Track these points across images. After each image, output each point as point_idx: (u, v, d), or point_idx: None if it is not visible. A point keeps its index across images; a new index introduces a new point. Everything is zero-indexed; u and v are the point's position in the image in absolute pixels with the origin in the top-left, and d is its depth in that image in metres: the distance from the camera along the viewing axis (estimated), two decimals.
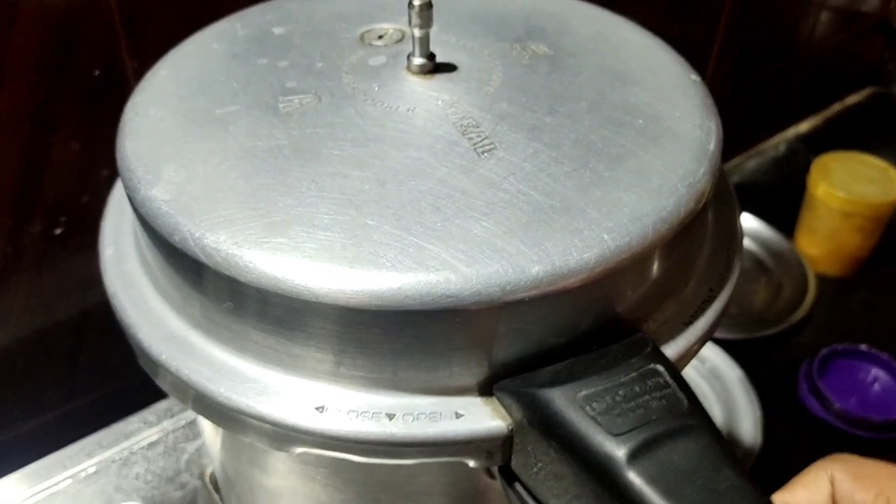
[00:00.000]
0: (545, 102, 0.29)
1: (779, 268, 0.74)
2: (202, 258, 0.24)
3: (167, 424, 0.51)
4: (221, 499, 0.47)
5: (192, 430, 0.51)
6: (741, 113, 0.82)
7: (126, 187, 0.27)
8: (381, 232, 0.24)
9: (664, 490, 0.21)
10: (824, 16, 0.83)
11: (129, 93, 0.46)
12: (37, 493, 0.47)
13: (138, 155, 0.27)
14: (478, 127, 0.27)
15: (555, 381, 0.23)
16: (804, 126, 0.89)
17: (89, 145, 0.46)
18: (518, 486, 0.26)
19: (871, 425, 0.60)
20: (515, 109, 0.28)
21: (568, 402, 0.23)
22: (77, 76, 0.44)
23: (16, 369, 0.50)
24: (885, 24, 0.87)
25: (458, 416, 0.24)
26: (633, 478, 0.22)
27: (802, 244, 0.75)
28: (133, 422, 0.51)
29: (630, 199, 0.25)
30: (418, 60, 0.29)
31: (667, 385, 0.23)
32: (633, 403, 0.23)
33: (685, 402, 0.23)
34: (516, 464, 0.25)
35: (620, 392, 0.23)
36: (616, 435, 0.22)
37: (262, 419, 0.25)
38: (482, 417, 0.24)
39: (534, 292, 0.23)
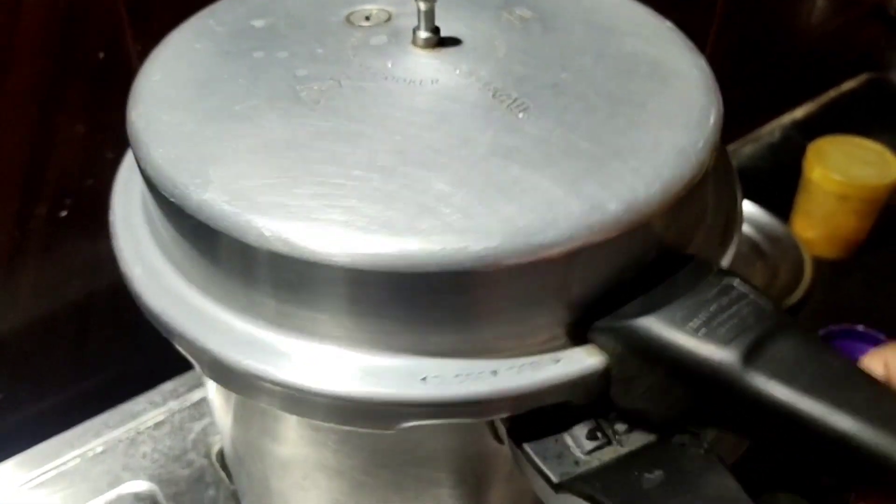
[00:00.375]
0: (554, 61, 0.30)
1: (775, 251, 0.74)
2: (292, 253, 0.24)
3: (173, 405, 0.51)
4: (228, 476, 0.48)
5: (197, 410, 0.51)
6: (737, 100, 0.82)
7: (172, 196, 0.26)
8: (460, 198, 0.24)
9: (785, 382, 0.23)
10: (820, 2, 0.83)
11: (132, 75, 0.47)
12: (46, 471, 0.48)
13: (173, 162, 0.26)
14: (505, 90, 0.28)
15: (646, 311, 0.25)
16: (799, 112, 0.90)
17: (94, 128, 0.46)
18: (527, 448, 0.27)
19: None
20: (531, 71, 0.29)
21: (668, 326, 0.25)
22: (82, 59, 0.44)
23: (23, 352, 0.51)
24: (880, 10, 0.88)
25: (556, 361, 0.26)
26: (753, 377, 0.24)
27: (798, 228, 0.75)
28: (139, 402, 0.52)
29: (668, 136, 0.27)
30: (424, 34, 0.30)
31: (746, 294, 0.26)
32: (725, 315, 0.25)
33: (769, 305, 0.25)
34: (615, 392, 0.26)
35: (711, 308, 0.25)
36: (725, 344, 0.24)
37: (372, 402, 0.25)
38: (579, 358, 0.26)
39: (615, 230, 0.25)
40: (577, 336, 0.26)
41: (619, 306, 0.26)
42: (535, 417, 0.26)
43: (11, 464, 0.49)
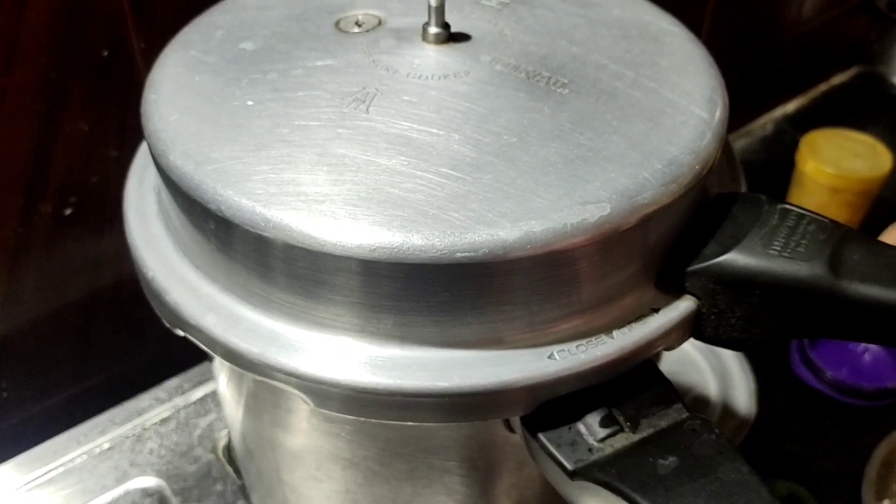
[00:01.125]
0: (558, 37, 0.31)
1: None
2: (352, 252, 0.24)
3: (178, 401, 0.52)
4: (235, 471, 0.48)
5: (203, 407, 0.52)
6: (730, 94, 0.83)
7: (189, 191, 0.26)
8: (554, 176, 0.26)
9: (872, 281, 0.26)
10: None
11: (136, 73, 0.47)
12: (53, 468, 0.48)
13: (193, 160, 0.27)
14: (536, 71, 0.30)
15: (728, 247, 0.27)
16: (791, 106, 0.91)
17: (97, 125, 0.47)
18: (541, 437, 0.27)
19: (862, 393, 0.62)
20: (545, 49, 0.31)
21: (753, 255, 0.27)
22: (85, 56, 0.44)
23: (28, 350, 0.51)
24: (869, 3, 0.89)
25: (656, 312, 0.27)
26: (844, 283, 0.26)
27: None
28: (145, 399, 0.52)
29: (692, 87, 0.30)
30: (435, 30, 0.30)
31: (803, 215, 0.28)
32: (797, 235, 0.27)
33: (825, 219, 0.28)
34: (705, 329, 0.28)
35: (782, 232, 0.27)
36: (809, 260, 0.26)
37: (518, 386, 0.26)
38: (675, 305, 0.28)
39: (691, 177, 0.27)
40: (664, 287, 0.28)
41: (697, 252, 0.27)
42: (548, 406, 0.27)
43: (18, 461, 0.49)
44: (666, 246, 0.28)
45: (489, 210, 0.25)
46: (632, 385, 0.27)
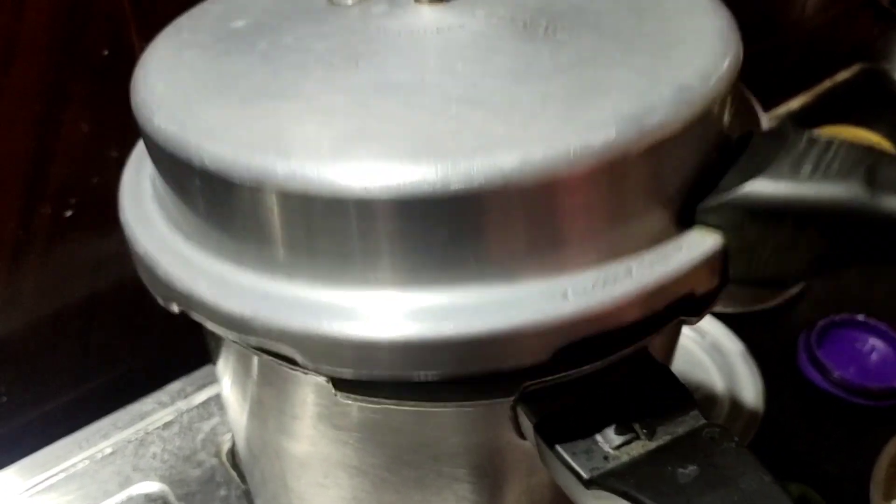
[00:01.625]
0: None
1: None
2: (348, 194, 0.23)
3: (181, 405, 0.51)
4: (239, 475, 0.48)
5: (206, 410, 0.51)
6: None
7: (226, 159, 0.25)
8: (559, 104, 0.24)
9: None
10: None
11: None
12: (54, 474, 0.48)
13: (222, 142, 0.25)
14: (533, 21, 0.28)
15: (751, 175, 0.25)
16: (795, 103, 0.90)
17: (98, 126, 0.46)
18: (558, 448, 0.27)
19: (869, 393, 0.61)
20: (543, 2, 0.29)
21: (782, 178, 0.25)
22: (86, 55, 0.44)
23: (27, 352, 0.51)
24: (872, 0, 0.88)
25: (679, 249, 0.25)
26: (884, 199, 0.24)
27: None
28: (147, 403, 0.51)
29: (702, 22, 0.29)
30: None
31: (831, 140, 0.26)
32: (828, 157, 0.25)
33: (856, 143, 0.26)
34: (735, 267, 0.26)
35: (811, 155, 0.25)
36: (843, 179, 0.24)
37: (531, 329, 0.24)
38: (699, 241, 0.26)
39: (705, 103, 0.25)
40: (686, 223, 0.26)
41: (720, 184, 0.26)
42: (562, 414, 0.26)
43: (20, 466, 0.48)
44: (684, 179, 0.26)
45: (486, 139, 0.23)
46: (646, 390, 0.27)
